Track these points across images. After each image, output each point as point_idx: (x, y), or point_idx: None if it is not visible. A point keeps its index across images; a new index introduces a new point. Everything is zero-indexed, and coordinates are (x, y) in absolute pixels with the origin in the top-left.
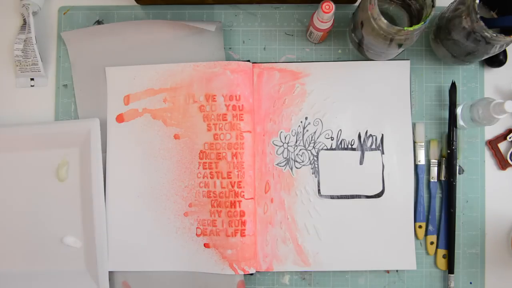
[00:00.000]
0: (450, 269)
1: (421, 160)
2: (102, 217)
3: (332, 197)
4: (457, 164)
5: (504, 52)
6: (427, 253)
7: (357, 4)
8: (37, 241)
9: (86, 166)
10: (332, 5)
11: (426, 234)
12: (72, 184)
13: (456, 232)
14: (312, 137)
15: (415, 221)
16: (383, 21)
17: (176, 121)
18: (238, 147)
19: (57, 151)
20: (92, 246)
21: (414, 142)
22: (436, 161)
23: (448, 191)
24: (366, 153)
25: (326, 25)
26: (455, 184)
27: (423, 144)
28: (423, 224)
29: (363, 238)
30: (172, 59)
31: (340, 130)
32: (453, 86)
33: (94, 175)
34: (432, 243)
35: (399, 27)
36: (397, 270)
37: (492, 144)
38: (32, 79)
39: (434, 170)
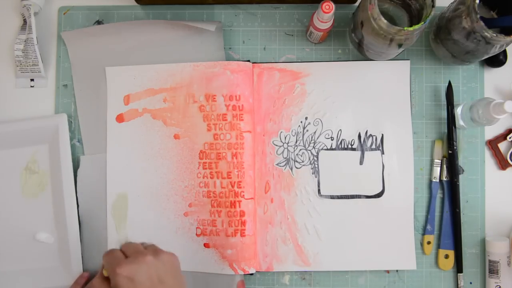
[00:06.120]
0: (459, 268)
1: (436, 177)
2: (74, 211)
3: (332, 197)
4: (457, 164)
5: (504, 52)
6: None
7: (357, 4)
8: (9, 240)
9: (56, 161)
10: (332, 5)
11: (423, 234)
12: None
13: None
14: (312, 137)
15: (423, 234)
16: (383, 21)
17: (176, 121)
18: (238, 147)
19: (27, 149)
20: (65, 241)
21: (432, 160)
22: (439, 161)
23: (451, 191)
24: (366, 153)
25: (326, 25)
26: (459, 185)
27: (439, 161)
28: (432, 239)
29: (363, 238)
30: (172, 59)
31: (340, 130)
32: (449, 86)
33: (64, 170)
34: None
35: (399, 27)
36: (397, 270)
37: (492, 144)
38: (32, 79)
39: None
